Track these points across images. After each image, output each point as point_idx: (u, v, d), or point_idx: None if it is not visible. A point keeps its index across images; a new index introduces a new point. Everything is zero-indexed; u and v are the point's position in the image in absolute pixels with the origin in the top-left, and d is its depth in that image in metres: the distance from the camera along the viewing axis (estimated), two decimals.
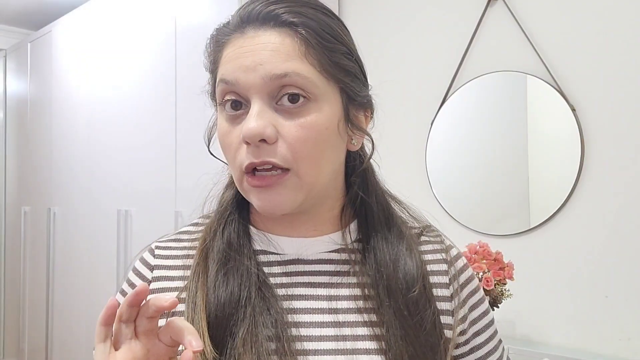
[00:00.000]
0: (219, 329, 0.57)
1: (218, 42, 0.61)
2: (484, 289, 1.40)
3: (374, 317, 0.59)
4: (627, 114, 1.50)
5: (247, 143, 0.56)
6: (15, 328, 3.31)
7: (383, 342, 0.58)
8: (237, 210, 0.65)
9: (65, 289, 2.84)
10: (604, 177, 1.53)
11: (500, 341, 0.70)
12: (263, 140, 0.55)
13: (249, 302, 0.57)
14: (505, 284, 1.47)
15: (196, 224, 0.70)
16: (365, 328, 0.59)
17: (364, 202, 0.65)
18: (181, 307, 0.59)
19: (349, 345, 0.58)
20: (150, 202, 2.27)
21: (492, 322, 0.69)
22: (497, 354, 0.69)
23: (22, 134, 3.33)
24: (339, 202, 0.65)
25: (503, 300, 1.47)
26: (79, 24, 2.78)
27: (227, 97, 0.58)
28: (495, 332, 0.69)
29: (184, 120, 2.09)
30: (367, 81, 0.64)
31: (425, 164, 1.90)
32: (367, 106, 0.63)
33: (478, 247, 1.49)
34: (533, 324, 1.64)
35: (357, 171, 0.65)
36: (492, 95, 1.77)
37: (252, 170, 0.57)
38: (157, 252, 0.67)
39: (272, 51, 0.55)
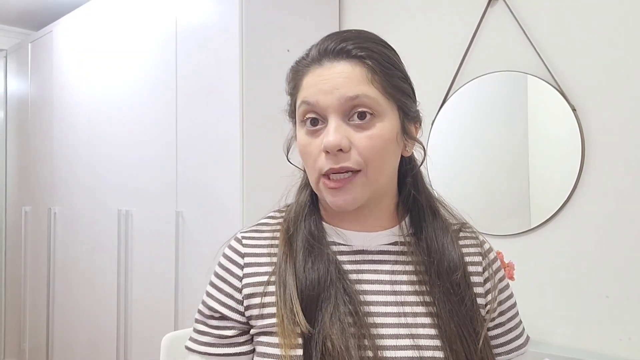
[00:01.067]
0: (310, 306, 0.69)
1: (298, 71, 0.75)
2: None
3: (427, 298, 0.72)
4: (628, 113, 1.50)
5: (327, 152, 0.69)
6: (16, 328, 3.31)
7: (435, 318, 0.71)
8: (313, 210, 0.79)
9: (66, 289, 2.84)
10: (605, 177, 1.53)
11: (520, 322, 0.82)
12: (340, 150, 0.68)
13: (332, 284, 0.70)
14: None
15: (273, 217, 0.82)
16: (422, 306, 0.72)
17: (415, 200, 0.79)
18: (272, 288, 0.72)
19: (409, 320, 0.71)
20: (150, 202, 2.27)
21: (514, 305, 0.82)
22: (517, 331, 0.81)
23: (22, 134, 3.33)
24: (394, 200, 0.79)
25: None
26: (79, 24, 2.78)
27: (308, 116, 0.71)
28: (517, 313, 0.82)
29: (185, 120, 2.09)
30: (416, 99, 0.78)
31: (425, 164, 1.89)
32: (417, 119, 0.78)
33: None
34: (534, 323, 1.64)
35: (412, 173, 0.80)
36: (492, 95, 1.77)
37: (328, 176, 0.70)
38: (244, 241, 0.78)
39: (345, 78, 0.69)
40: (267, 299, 0.72)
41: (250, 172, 1.82)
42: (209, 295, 0.77)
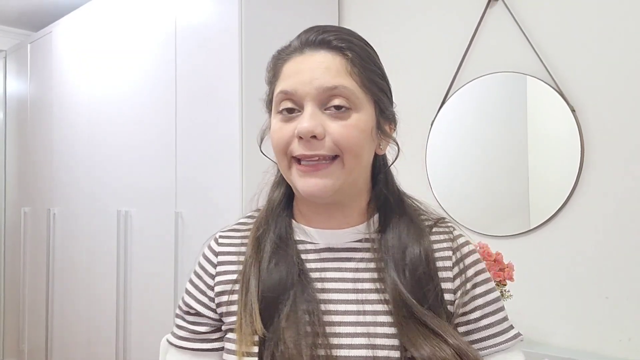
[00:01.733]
0: (268, 309, 0.70)
1: (279, 60, 0.75)
2: None
3: (387, 296, 0.71)
4: (627, 114, 1.50)
5: (300, 138, 0.69)
6: (15, 328, 3.31)
7: (392, 316, 0.70)
8: (285, 208, 0.80)
9: (65, 290, 2.83)
10: (604, 177, 1.53)
11: (505, 318, 0.77)
12: (314, 137, 0.68)
13: (291, 286, 0.71)
14: (505, 284, 1.47)
15: (251, 216, 0.83)
16: (381, 305, 0.71)
17: (385, 198, 0.78)
18: (238, 287, 0.74)
19: (368, 318, 0.71)
20: (150, 203, 2.27)
21: (496, 299, 0.77)
22: (499, 327, 0.76)
23: (22, 134, 3.33)
24: (365, 197, 0.78)
25: (503, 301, 1.46)
26: (79, 24, 2.78)
27: (284, 105, 0.72)
28: (500, 309, 0.77)
29: (184, 121, 2.09)
30: (392, 100, 0.79)
31: (425, 165, 1.90)
32: (392, 120, 0.78)
33: (478, 248, 1.49)
34: (533, 324, 1.64)
35: (384, 170, 0.80)
36: (492, 96, 1.77)
37: (299, 160, 0.70)
38: (220, 240, 0.81)
39: (325, 68, 0.70)
40: (234, 297, 0.74)
41: (250, 172, 1.82)
42: (186, 291, 0.80)
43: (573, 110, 1.57)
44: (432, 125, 1.88)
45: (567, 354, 1.49)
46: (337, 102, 0.69)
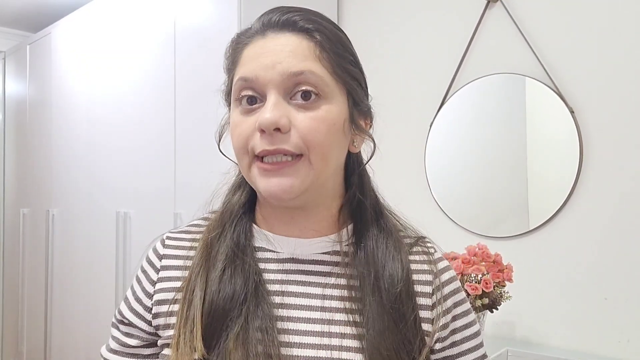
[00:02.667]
0: (214, 325, 0.61)
1: (238, 44, 0.67)
2: (482, 290, 1.40)
3: (357, 317, 0.63)
4: (626, 115, 1.50)
5: (262, 131, 0.60)
6: (13, 330, 3.31)
7: (363, 341, 0.61)
8: (246, 212, 0.70)
9: (64, 291, 2.83)
10: (603, 179, 1.53)
11: (484, 357, 0.71)
12: (277, 130, 0.59)
13: (244, 300, 0.61)
14: (504, 286, 1.47)
15: (206, 219, 0.73)
16: (349, 327, 0.62)
17: (360, 204, 0.69)
18: (176, 306, 0.64)
19: (334, 341, 0.62)
20: (149, 204, 2.27)
21: (475, 334, 0.69)
22: None
23: (21, 136, 3.33)
24: (336, 202, 0.69)
25: (502, 302, 1.47)
26: (78, 26, 2.78)
27: (244, 93, 0.62)
28: (478, 345, 0.70)
29: (184, 122, 2.09)
30: (367, 93, 0.70)
31: (424, 166, 1.90)
32: (367, 114, 0.69)
33: (477, 249, 1.49)
34: (532, 325, 1.64)
35: (357, 170, 0.70)
36: (491, 97, 1.77)
37: (262, 158, 0.61)
38: (167, 242, 0.72)
39: (290, 52, 0.61)
40: (174, 308, 0.65)
41: None
42: (124, 298, 0.72)
43: (572, 112, 1.57)
44: (431, 126, 1.88)
45: (565, 355, 1.49)
46: (304, 88, 0.60)
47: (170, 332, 0.64)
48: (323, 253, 0.67)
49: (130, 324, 0.69)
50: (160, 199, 2.19)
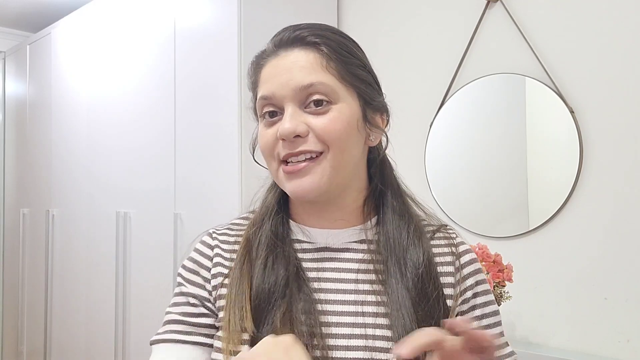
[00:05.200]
0: (261, 307, 0.68)
1: (257, 66, 0.75)
2: None
3: (384, 298, 0.70)
4: (626, 116, 1.50)
5: (283, 140, 0.68)
6: (13, 330, 3.31)
7: (391, 319, 0.68)
8: (281, 208, 0.77)
9: (64, 291, 2.83)
10: (603, 179, 1.53)
11: (502, 334, 0.76)
12: (297, 136, 0.68)
13: (287, 284, 0.69)
14: (504, 286, 1.47)
15: (246, 218, 0.80)
16: (379, 307, 0.69)
17: (382, 194, 0.76)
18: (226, 285, 0.72)
19: (368, 320, 0.69)
20: (149, 204, 2.27)
21: (494, 313, 0.76)
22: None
23: (21, 136, 3.33)
24: (361, 194, 0.76)
25: (502, 302, 1.47)
26: (78, 26, 2.78)
27: (266, 110, 0.71)
28: (497, 323, 0.76)
29: (183, 122, 2.09)
30: (381, 90, 0.76)
31: (424, 166, 1.90)
32: (383, 110, 0.76)
33: (477, 249, 1.49)
34: (532, 325, 1.64)
35: (375, 163, 0.77)
36: (490, 97, 1.77)
37: (286, 161, 0.69)
38: (214, 235, 0.78)
39: (300, 67, 0.69)
40: (223, 292, 0.72)
41: (249, 173, 1.82)
42: (181, 287, 0.75)
43: (572, 112, 1.57)
44: (431, 126, 1.88)
45: (565, 355, 1.49)
46: (316, 97, 0.68)
47: (222, 314, 0.70)
48: (353, 242, 0.74)
49: (202, 305, 0.73)
50: (160, 199, 2.19)
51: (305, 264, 0.73)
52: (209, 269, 0.75)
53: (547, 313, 1.62)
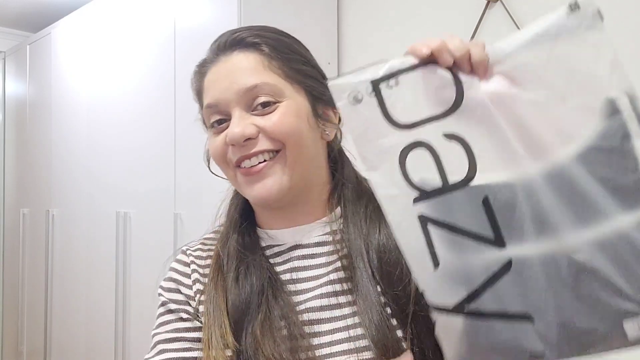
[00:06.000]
0: (239, 320, 0.66)
1: (199, 75, 0.73)
2: None
3: (350, 286, 0.67)
4: None
5: (234, 145, 0.67)
6: (13, 330, 3.31)
7: (356, 307, 0.66)
8: (245, 217, 0.76)
9: (64, 291, 2.83)
10: None
11: None
12: (248, 140, 0.66)
13: (262, 293, 0.67)
14: None
15: (217, 232, 0.79)
16: (348, 296, 0.67)
17: (343, 186, 0.74)
18: (201, 307, 0.70)
19: (345, 310, 0.67)
20: (149, 204, 2.27)
21: None
22: None
23: (21, 136, 3.33)
24: (326, 188, 0.74)
25: None
26: (78, 26, 2.78)
27: (213, 119, 0.70)
28: None
29: (183, 122, 2.09)
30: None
31: None
32: (334, 104, 0.70)
33: None
34: None
35: (332, 156, 0.75)
36: None
37: (240, 165, 0.68)
38: (189, 252, 0.78)
39: (241, 69, 0.67)
40: (202, 308, 0.70)
41: None
42: (168, 306, 0.73)
43: None
44: None
45: None
46: (262, 100, 0.66)
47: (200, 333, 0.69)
48: (321, 235, 0.72)
49: (191, 320, 0.71)
50: (160, 199, 2.19)
51: (278, 268, 0.71)
52: (190, 287, 0.74)
53: None
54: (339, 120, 0.74)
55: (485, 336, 0.44)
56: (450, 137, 0.48)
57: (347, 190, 0.73)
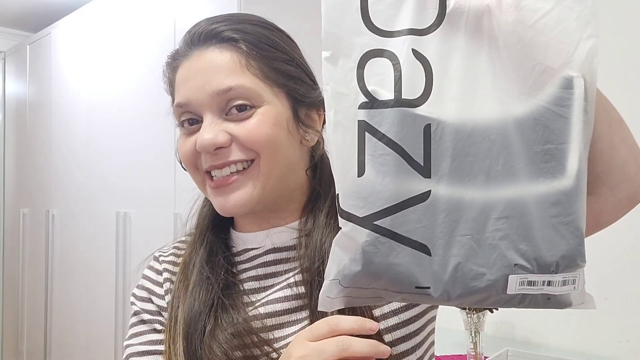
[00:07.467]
0: (192, 334, 0.62)
1: (171, 67, 0.67)
2: None
3: (307, 300, 0.63)
4: (625, 116, 1.50)
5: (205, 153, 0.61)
6: (13, 330, 3.31)
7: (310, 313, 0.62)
8: (221, 220, 0.71)
9: (63, 291, 2.83)
10: None
11: (428, 336, 0.68)
12: (219, 148, 0.60)
13: (212, 307, 0.63)
14: None
15: (191, 234, 0.75)
16: (296, 300, 0.64)
17: (319, 196, 0.68)
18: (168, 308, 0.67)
19: (299, 315, 0.63)
20: (149, 204, 2.27)
21: (418, 315, 0.66)
22: (412, 343, 0.65)
23: (21, 136, 3.33)
24: (304, 195, 0.69)
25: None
26: (78, 26, 2.78)
27: (183, 118, 0.65)
28: (422, 327, 0.67)
29: None
30: (316, 83, 0.68)
31: None
32: (319, 105, 0.67)
33: None
34: (532, 326, 1.64)
35: (312, 163, 0.69)
36: None
37: (210, 173, 0.63)
38: (162, 259, 0.73)
39: (215, 68, 0.61)
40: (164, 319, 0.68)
41: None
42: (141, 316, 0.70)
43: None
44: None
45: (565, 356, 1.49)
46: (237, 103, 0.60)
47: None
48: (295, 239, 0.68)
49: (162, 332, 0.69)
50: (160, 199, 2.19)
51: (248, 274, 0.67)
52: (162, 297, 0.70)
53: (547, 313, 1.62)
54: (324, 122, 0.67)
55: (383, 254, 0.44)
56: (418, 55, 0.46)
57: (321, 200, 0.68)
